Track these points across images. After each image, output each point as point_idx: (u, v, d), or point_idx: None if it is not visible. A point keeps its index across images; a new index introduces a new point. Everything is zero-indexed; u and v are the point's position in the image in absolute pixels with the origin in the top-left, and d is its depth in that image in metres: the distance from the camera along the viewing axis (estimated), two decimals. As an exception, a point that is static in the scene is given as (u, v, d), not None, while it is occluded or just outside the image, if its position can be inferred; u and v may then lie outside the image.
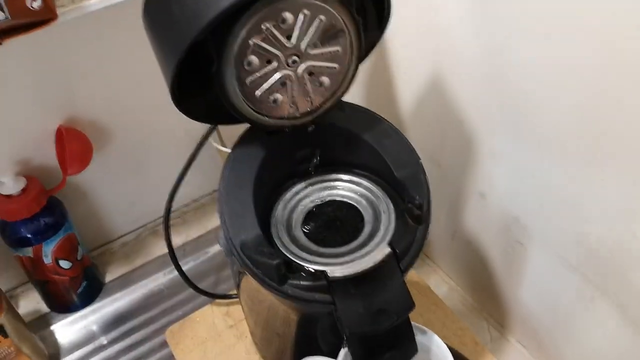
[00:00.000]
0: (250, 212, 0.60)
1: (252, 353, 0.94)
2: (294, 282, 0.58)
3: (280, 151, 0.65)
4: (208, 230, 1.16)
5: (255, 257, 0.58)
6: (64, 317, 1.04)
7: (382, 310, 0.57)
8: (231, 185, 0.62)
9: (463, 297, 1.02)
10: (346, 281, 0.57)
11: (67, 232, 0.95)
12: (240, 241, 0.59)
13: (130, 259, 1.13)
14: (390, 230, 0.62)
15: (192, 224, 1.17)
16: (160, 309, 1.06)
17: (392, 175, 0.62)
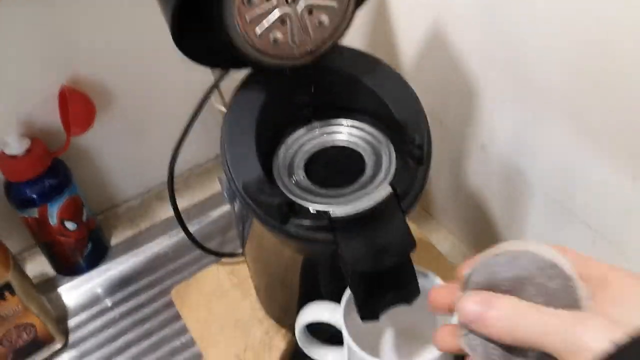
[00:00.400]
0: (252, 153, 0.60)
1: (257, 309, 0.95)
2: (296, 221, 0.59)
3: (280, 96, 0.66)
4: (212, 194, 1.16)
5: (258, 197, 0.58)
6: (70, 279, 1.05)
7: (384, 249, 0.58)
8: (233, 128, 0.63)
9: (465, 253, 1.03)
10: (348, 220, 0.58)
11: (72, 194, 0.96)
12: (242, 182, 0.59)
13: (136, 223, 1.13)
14: (392, 172, 0.63)
15: (195, 188, 1.18)
16: (166, 271, 1.07)
17: (392, 118, 0.63)
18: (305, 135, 0.68)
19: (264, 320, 0.93)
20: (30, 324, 0.89)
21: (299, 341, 0.72)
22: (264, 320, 0.93)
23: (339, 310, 0.66)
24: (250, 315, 0.94)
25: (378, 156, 0.65)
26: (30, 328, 0.89)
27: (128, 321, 1.01)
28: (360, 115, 0.68)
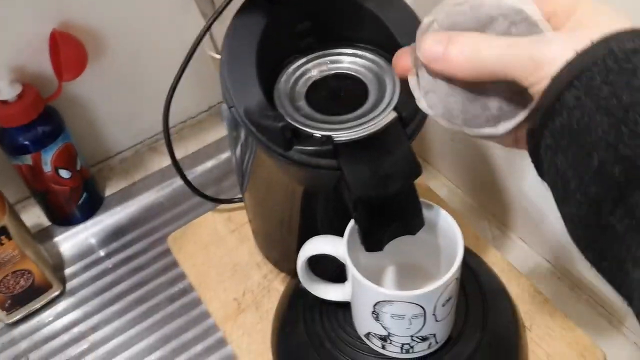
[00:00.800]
0: (253, 78, 0.59)
1: (254, 254, 0.94)
2: (299, 147, 0.58)
3: (280, 23, 0.64)
4: (206, 145, 1.15)
5: (260, 122, 0.57)
6: (65, 229, 1.05)
7: (388, 175, 0.57)
8: (233, 52, 0.62)
9: (463, 199, 1.02)
10: (352, 145, 0.57)
11: (65, 141, 0.95)
12: (244, 108, 0.58)
13: (130, 174, 1.13)
14: (395, 98, 0.61)
15: (190, 139, 1.17)
16: (160, 221, 1.06)
17: (396, 45, 0.62)
18: (307, 64, 0.67)
19: (262, 264, 0.93)
20: (27, 270, 0.88)
21: (301, 277, 0.71)
22: (262, 265, 0.93)
23: (342, 242, 0.66)
24: (248, 260, 0.94)
25: (382, 83, 0.64)
26: (27, 274, 0.89)
27: (124, 269, 1.00)
28: (364, 44, 0.67)
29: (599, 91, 0.34)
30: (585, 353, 0.77)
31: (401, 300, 0.61)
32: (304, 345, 0.76)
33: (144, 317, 0.94)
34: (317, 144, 0.58)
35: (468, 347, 0.72)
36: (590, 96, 0.34)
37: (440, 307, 0.64)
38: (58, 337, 0.93)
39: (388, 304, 0.62)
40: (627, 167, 0.33)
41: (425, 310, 0.63)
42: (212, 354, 0.89)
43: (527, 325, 0.80)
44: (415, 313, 0.63)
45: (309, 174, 0.61)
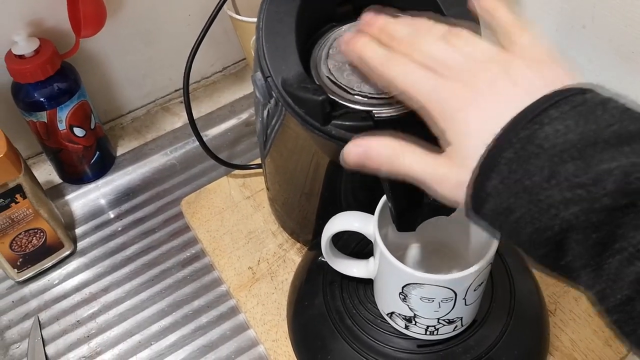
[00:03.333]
0: (292, 47, 0.57)
1: (270, 222, 0.93)
2: (338, 122, 0.56)
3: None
4: (220, 107, 1.13)
5: (299, 94, 0.55)
6: (77, 188, 1.04)
7: None
8: (271, 19, 0.59)
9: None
10: (392, 121, 0.55)
11: (80, 99, 0.93)
12: (282, 78, 0.56)
13: (142, 134, 1.11)
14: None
15: (202, 100, 1.15)
16: (173, 183, 1.05)
17: (440, 14, 0.60)
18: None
19: (277, 233, 0.92)
20: (40, 229, 0.87)
21: (324, 251, 0.70)
22: (278, 234, 0.92)
23: (373, 220, 0.64)
24: (263, 228, 0.93)
25: None
26: (40, 233, 0.87)
27: (136, 231, 0.99)
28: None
29: (509, 183, 0.41)
30: (611, 341, 0.75)
31: (434, 284, 0.60)
32: (322, 320, 0.75)
33: (155, 281, 0.93)
34: (356, 119, 0.56)
35: (494, 330, 0.71)
36: (504, 185, 0.42)
37: (471, 292, 0.63)
38: (69, 297, 0.92)
39: (419, 287, 0.61)
40: (550, 235, 0.40)
41: (456, 294, 0.61)
42: (224, 321, 0.88)
43: (551, 310, 0.78)
44: (445, 297, 0.61)
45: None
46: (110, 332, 0.88)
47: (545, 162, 0.39)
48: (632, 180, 0.37)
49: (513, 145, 0.41)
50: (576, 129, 0.39)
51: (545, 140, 0.40)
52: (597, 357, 0.75)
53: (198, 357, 0.85)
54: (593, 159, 0.38)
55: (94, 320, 0.89)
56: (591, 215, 0.37)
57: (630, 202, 0.37)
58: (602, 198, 0.37)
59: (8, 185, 0.80)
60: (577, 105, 0.40)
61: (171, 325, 0.88)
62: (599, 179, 0.37)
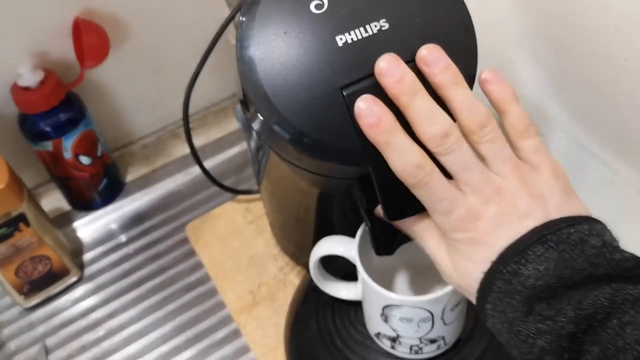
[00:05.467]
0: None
1: (271, 246, 0.94)
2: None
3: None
4: (228, 132, 1.15)
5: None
6: (85, 214, 1.05)
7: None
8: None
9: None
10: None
11: (86, 127, 0.95)
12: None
13: (151, 160, 1.13)
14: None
15: (212, 126, 1.17)
16: (181, 208, 1.07)
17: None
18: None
19: (278, 257, 0.93)
20: (45, 256, 0.89)
21: (313, 275, 0.71)
22: (279, 257, 0.93)
23: (354, 244, 0.65)
24: (264, 252, 0.94)
25: None
26: (45, 260, 0.89)
27: (143, 256, 1.01)
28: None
29: (496, 312, 0.47)
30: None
31: (409, 305, 0.61)
32: (315, 342, 0.76)
33: (160, 306, 0.94)
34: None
35: (477, 348, 0.72)
36: (494, 312, 0.48)
37: (448, 312, 0.64)
38: (75, 323, 0.94)
39: (396, 308, 0.62)
40: (532, 358, 0.45)
41: (433, 314, 0.62)
42: (227, 344, 0.89)
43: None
44: (423, 317, 0.63)
45: (322, 180, 0.61)
46: (113, 357, 0.90)
47: (524, 300, 0.45)
48: (584, 307, 0.43)
49: (502, 277, 0.46)
50: (554, 272, 0.44)
51: (527, 279, 0.45)
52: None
53: (199, 380, 0.86)
54: (562, 297, 0.44)
55: (99, 345, 0.91)
56: (559, 341, 0.43)
57: (587, 325, 0.43)
58: (566, 326, 0.43)
59: (11, 214, 0.82)
60: (560, 243, 0.45)
61: (174, 350, 0.90)
62: (561, 310, 0.43)
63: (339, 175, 0.57)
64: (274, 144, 0.58)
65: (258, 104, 0.51)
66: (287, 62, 0.51)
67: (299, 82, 0.50)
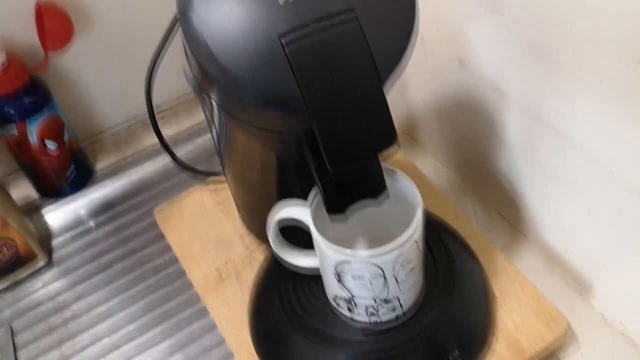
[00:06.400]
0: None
1: (238, 227, 0.95)
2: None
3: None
4: (200, 121, 1.16)
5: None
6: (54, 202, 1.06)
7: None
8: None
9: (448, 176, 1.03)
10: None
11: (51, 112, 0.96)
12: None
13: (121, 149, 1.14)
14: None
15: (183, 117, 1.18)
16: (150, 195, 1.07)
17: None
18: None
19: (245, 236, 0.94)
20: (10, 238, 0.90)
21: (272, 243, 0.72)
22: (245, 237, 0.94)
23: (306, 205, 0.66)
24: (232, 233, 0.95)
25: None
26: (10, 243, 0.90)
27: (111, 241, 1.02)
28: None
29: None
30: (550, 322, 0.77)
31: (357, 261, 0.62)
32: (276, 311, 0.77)
33: (128, 287, 0.95)
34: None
35: (434, 312, 0.73)
36: None
37: (400, 270, 0.64)
38: (42, 305, 0.94)
39: (347, 264, 0.63)
40: None
41: (384, 271, 0.63)
42: (193, 322, 0.90)
43: (498, 295, 0.80)
44: (374, 274, 0.63)
45: (273, 140, 0.61)
46: (80, 337, 0.91)
47: None
48: None
49: None
50: None
51: None
52: (537, 336, 0.77)
53: (166, 356, 0.87)
54: None
55: (65, 326, 0.92)
56: None
57: None
58: None
59: (-27, 197, 0.82)
60: None
61: (141, 328, 0.91)
62: None
63: (286, 130, 0.58)
64: (219, 98, 0.59)
65: (200, 56, 0.52)
66: (228, 14, 0.52)
67: (239, 32, 0.51)
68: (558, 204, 0.81)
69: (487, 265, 0.83)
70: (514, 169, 0.87)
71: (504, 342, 0.77)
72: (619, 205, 0.72)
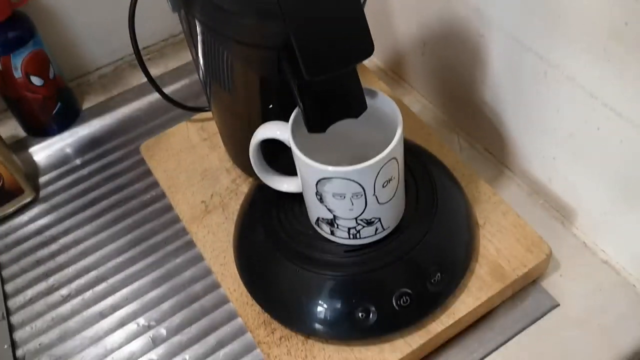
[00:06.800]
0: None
1: (225, 160, 0.95)
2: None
3: None
4: (187, 62, 1.16)
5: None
6: (40, 140, 1.06)
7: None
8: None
9: (435, 113, 1.03)
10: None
11: (36, 47, 0.96)
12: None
13: (108, 89, 1.14)
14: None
15: (170, 57, 1.18)
16: (137, 132, 1.08)
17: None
18: None
19: (231, 170, 0.94)
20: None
21: (254, 166, 0.72)
22: (232, 170, 0.94)
23: (288, 125, 0.67)
24: (218, 166, 0.95)
25: None
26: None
27: (98, 178, 1.02)
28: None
29: None
30: (532, 247, 0.78)
31: (338, 177, 0.62)
32: (259, 236, 0.77)
33: (115, 222, 0.96)
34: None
35: (416, 235, 0.73)
36: None
37: (380, 188, 0.65)
38: (29, 240, 0.95)
39: (327, 182, 0.63)
40: None
41: (364, 189, 0.63)
42: (180, 255, 0.91)
43: (481, 223, 0.81)
44: (354, 192, 0.64)
45: (251, 55, 0.61)
46: (68, 269, 0.91)
47: None
48: None
49: None
50: None
51: None
52: (519, 262, 0.77)
53: (152, 288, 0.88)
54: None
55: (53, 259, 0.92)
56: None
57: None
58: None
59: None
60: None
61: (128, 261, 0.91)
62: None
63: (265, 43, 0.58)
64: (199, 8, 0.59)
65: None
66: None
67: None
68: (540, 130, 0.81)
69: (470, 194, 0.84)
70: (498, 98, 0.87)
71: (486, 267, 0.78)
72: (600, 127, 0.72)
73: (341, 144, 0.70)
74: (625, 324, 0.77)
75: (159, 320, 0.84)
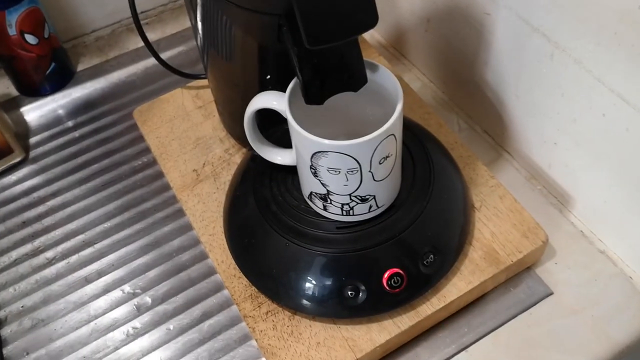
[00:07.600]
0: None
1: (218, 130, 0.94)
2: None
3: None
4: (185, 28, 1.14)
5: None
6: (33, 100, 1.04)
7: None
8: None
9: (435, 92, 1.01)
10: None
11: (31, 5, 0.94)
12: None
13: (104, 52, 1.12)
14: None
15: (168, 22, 1.16)
16: (131, 97, 1.06)
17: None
18: None
19: (225, 140, 0.93)
20: (-16, 128, 0.88)
21: (248, 136, 0.71)
22: (225, 140, 0.93)
23: (285, 95, 0.65)
24: (211, 135, 0.94)
25: None
26: (-16, 133, 0.88)
27: (90, 141, 1.00)
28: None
29: None
30: (528, 233, 0.76)
31: (334, 151, 0.60)
32: (250, 208, 0.76)
33: (105, 186, 0.94)
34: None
35: (410, 214, 0.72)
36: None
37: (376, 165, 0.63)
38: (17, 201, 0.93)
39: (323, 155, 0.61)
40: None
41: (360, 165, 0.62)
42: (169, 222, 0.89)
43: (477, 206, 0.79)
44: (350, 167, 0.62)
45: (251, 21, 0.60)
46: (55, 232, 0.89)
47: None
48: None
49: None
50: None
51: None
52: (514, 247, 0.76)
53: (139, 255, 0.86)
54: None
55: (40, 221, 0.91)
56: None
57: None
58: None
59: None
60: None
61: (116, 226, 0.90)
62: None
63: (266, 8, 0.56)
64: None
65: None
66: None
67: None
68: (543, 114, 0.80)
69: (467, 176, 0.83)
70: (501, 79, 0.85)
71: (480, 251, 0.76)
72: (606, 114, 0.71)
73: (338, 118, 0.69)
74: (620, 317, 0.75)
75: (144, 288, 0.83)
